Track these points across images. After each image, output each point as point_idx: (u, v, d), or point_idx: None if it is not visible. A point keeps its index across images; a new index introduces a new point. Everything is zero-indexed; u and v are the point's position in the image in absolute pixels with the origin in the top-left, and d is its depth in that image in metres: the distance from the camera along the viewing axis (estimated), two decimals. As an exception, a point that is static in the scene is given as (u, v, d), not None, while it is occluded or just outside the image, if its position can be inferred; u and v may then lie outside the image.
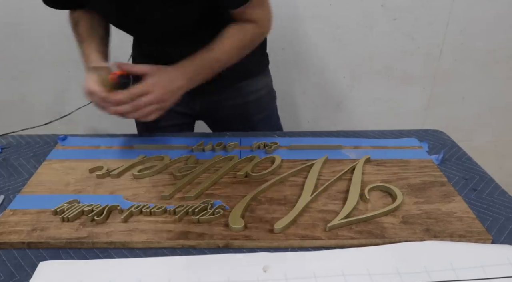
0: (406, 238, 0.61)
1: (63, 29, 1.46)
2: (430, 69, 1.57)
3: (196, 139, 0.86)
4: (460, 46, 1.53)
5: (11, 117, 1.63)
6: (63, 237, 0.60)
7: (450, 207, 0.67)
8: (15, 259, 0.57)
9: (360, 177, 0.74)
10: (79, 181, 0.73)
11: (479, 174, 0.79)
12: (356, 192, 0.69)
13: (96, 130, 1.65)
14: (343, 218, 0.63)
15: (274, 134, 0.91)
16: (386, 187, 0.71)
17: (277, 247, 0.60)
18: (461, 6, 1.44)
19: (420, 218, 0.65)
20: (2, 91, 1.58)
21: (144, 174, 0.74)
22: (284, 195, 0.70)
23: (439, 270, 0.55)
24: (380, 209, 0.65)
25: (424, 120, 1.69)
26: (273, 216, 0.64)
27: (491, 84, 1.62)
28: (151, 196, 0.69)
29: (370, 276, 0.54)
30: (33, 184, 0.72)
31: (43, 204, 0.66)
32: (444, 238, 0.61)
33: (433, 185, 0.73)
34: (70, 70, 1.54)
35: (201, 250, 0.60)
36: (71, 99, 1.58)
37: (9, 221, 0.63)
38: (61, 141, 0.86)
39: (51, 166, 0.77)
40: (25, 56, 1.51)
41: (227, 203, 0.67)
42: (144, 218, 0.64)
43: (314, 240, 0.60)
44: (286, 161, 0.80)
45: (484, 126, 1.73)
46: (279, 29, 1.46)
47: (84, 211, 0.64)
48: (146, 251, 0.59)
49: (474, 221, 0.64)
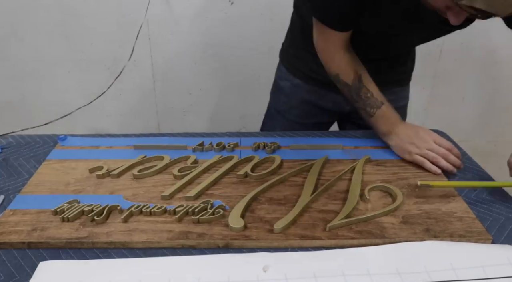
0: (406, 238, 0.61)
1: (63, 29, 1.46)
2: (430, 69, 1.57)
3: (196, 139, 0.86)
4: (460, 46, 1.52)
5: (11, 117, 1.63)
6: (63, 237, 0.60)
7: (450, 207, 0.67)
8: (15, 259, 0.57)
9: (360, 177, 0.74)
10: (79, 181, 0.73)
11: (479, 174, 0.79)
12: (356, 192, 0.69)
13: (96, 130, 1.65)
14: (343, 218, 0.63)
15: (274, 134, 0.91)
16: (386, 187, 0.71)
17: (277, 247, 0.60)
18: (461, 6, 1.44)
19: (420, 218, 0.65)
20: (2, 91, 1.58)
21: (144, 174, 0.74)
22: (284, 195, 0.70)
23: (439, 270, 0.55)
24: (380, 209, 0.65)
25: (424, 120, 1.69)
26: (273, 216, 0.64)
27: (491, 84, 1.62)
28: (151, 196, 0.69)
29: (370, 276, 0.54)
30: (33, 184, 0.72)
31: (43, 204, 0.66)
32: (444, 238, 0.61)
33: (433, 185, 0.73)
34: (70, 70, 1.54)
35: (201, 250, 0.60)
36: (71, 99, 1.58)
37: (9, 221, 0.63)
38: (61, 141, 0.86)
39: (51, 166, 0.77)
40: (25, 56, 1.51)
41: (227, 203, 0.67)
42: (144, 218, 0.64)
43: (314, 240, 0.60)
44: (286, 161, 0.80)
45: (484, 126, 1.73)
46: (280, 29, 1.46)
47: (84, 211, 0.64)
48: (146, 251, 0.59)
49: (474, 221, 0.64)
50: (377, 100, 0.82)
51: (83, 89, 1.57)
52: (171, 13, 1.44)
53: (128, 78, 1.56)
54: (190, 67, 1.55)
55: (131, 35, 1.44)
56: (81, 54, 1.51)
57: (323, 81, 0.87)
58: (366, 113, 0.84)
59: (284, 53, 1.05)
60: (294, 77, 1.01)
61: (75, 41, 1.48)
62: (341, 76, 0.83)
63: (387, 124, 0.82)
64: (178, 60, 1.52)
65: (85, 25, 1.45)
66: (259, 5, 1.43)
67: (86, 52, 1.50)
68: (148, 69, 1.55)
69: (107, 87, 1.56)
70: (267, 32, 1.47)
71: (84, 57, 1.51)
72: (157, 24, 1.44)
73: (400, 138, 0.81)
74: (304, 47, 0.88)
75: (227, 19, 1.45)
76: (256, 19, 1.45)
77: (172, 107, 1.64)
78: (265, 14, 1.45)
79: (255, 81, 1.58)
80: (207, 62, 1.54)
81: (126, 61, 1.51)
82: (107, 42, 1.49)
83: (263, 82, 1.57)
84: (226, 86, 1.60)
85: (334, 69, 0.84)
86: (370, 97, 0.82)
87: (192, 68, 1.55)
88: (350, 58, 0.83)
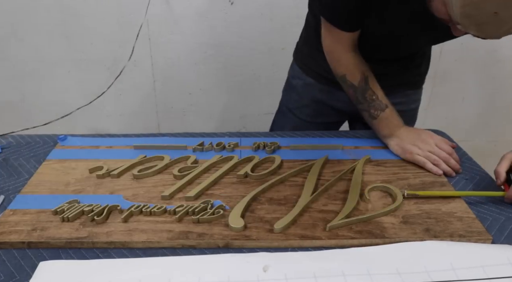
0: (406, 238, 0.61)
1: (63, 29, 1.46)
2: (430, 69, 1.57)
3: (196, 139, 0.86)
4: (460, 46, 1.52)
5: (11, 117, 1.63)
6: (63, 237, 0.60)
7: (450, 207, 0.67)
8: (15, 259, 0.57)
9: (360, 177, 0.74)
10: (79, 181, 0.73)
11: (479, 174, 0.79)
12: (356, 192, 0.69)
13: (96, 130, 1.65)
14: (343, 218, 0.63)
15: (274, 134, 0.91)
16: (386, 187, 0.71)
17: (277, 247, 0.60)
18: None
19: (420, 218, 0.65)
20: (2, 91, 1.58)
21: (144, 174, 0.74)
22: (284, 195, 0.70)
23: (439, 270, 0.55)
24: (380, 209, 0.65)
25: (424, 120, 1.69)
26: (273, 216, 0.64)
27: (491, 84, 1.62)
28: (151, 196, 0.69)
29: (370, 276, 0.54)
30: (33, 184, 0.72)
31: (43, 204, 0.66)
32: (444, 238, 0.61)
33: (433, 185, 0.73)
34: (70, 70, 1.54)
35: (201, 250, 0.60)
36: (71, 99, 1.58)
37: (9, 221, 0.63)
38: (61, 141, 0.86)
39: (51, 166, 0.77)
40: (25, 56, 1.51)
41: (227, 203, 0.67)
42: (144, 218, 0.64)
43: (314, 240, 0.60)
44: (286, 161, 0.80)
45: (484, 126, 1.73)
46: (280, 29, 1.46)
47: (84, 211, 0.64)
48: (146, 251, 0.59)
49: (474, 221, 0.64)
50: (381, 103, 0.82)
51: (83, 89, 1.57)
52: (171, 13, 1.44)
53: (128, 78, 1.56)
54: (190, 67, 1.55)
55: (131, 35, 1.44)
56: (81, 54, 1.51)
57: (335, 81, 0.87)
58: (369, 115, 0.84)
59: (298, 52, 1.05)
60: (306, 76, 1.01)
61: (75, 41, 1.48)
62: (348, 77, 0.83)
63: (390, 127, 0.83)
64: (178, 60, 1.52)
65: (85, 25, 1.45)
66: (259, 5, 1.43)
67: (86, 52, 1.50)
68: (148, 69, 1.55)
69: (107, 87, 1.56)
70: (267, 32, 1.47)
71: (84, 57, 1.51)
72: (157, 24, 1.44)
73: (401, 139, 0.81)
74: (317, 47, 0.89)
75: (227, 19, 1.45)
76: (256, 19, 1.45)
77: (172, 107, 1.64)
78: (265, 14, 1.45)
79: (255, 81, 1.58)
80: (207, 62, 1.54)
81: (126, 61, 1.51)
82: (107, 42, 1.49)
83: (263, 82, 1.57)
84: (226, 86, 1.60)
85: (341, 70, 0.84)
86: (375, 99, 0.82)
87: (192, 68, 1.55)
88: (357, 59, 0.83)
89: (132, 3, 1.41)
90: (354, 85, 0.83)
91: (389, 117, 0.83)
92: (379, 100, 0.82)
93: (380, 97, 0.82)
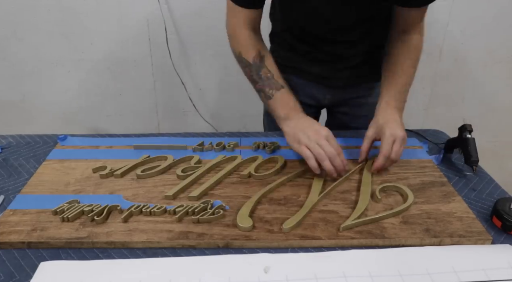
0: (406, 238, 0.61)
1: (63, 29, 1.46)
2: (430, 69, 1.57)
3: (196, 139, 0.86)
4: (460, 46, 1.52)
5: (11, 117, 1.63)
6: (63, 237, 0.60)
7: (450, 207, 0.67)
8: (15, 259, 0.57)
9: (370, 177, 0.74)
10: (79, 181, 0.73)
11: (479, 174, 0.79)
12: (367, 192, 0.69)
13: (96, 130, 1.65)
14: (356, 218, 0.63)
15: (274, 134, 0.91)
16: (397, 187, 0.71)
17: (277, 247, 0.60)
18: (460, 6, 1.44)
19: (420, 218, 0.65)
20: (2, 91, 1.58)
21: (148, 174, 0.74)
22: (284, 195, 0.70)
23: (441, 273, 0.55)
24: (389, 209, 0.66)
25: (424, 120, 1.69)
26: (273, 216, 0.64)
27: (491, 84, 1.62)
28: (151, 196, 0.69)
29: (372, 278, 0.54)
30: (33, 184, 0.72)
31: (43, 204, 0.66)
32: (444, 238, 0.61)
33: (433, 185, 0.73)
34: (70, 70, 1.54)
35: (201, 250, 0.60)
36: (71, 99, 1.59)
37: (9, 221, 0.63)
38: (61, 140, 0.86)
39: (51, 166, 0.77)
40: (25, 56, 1.51)
41: (227, 203, 0.67)
42: (144, 218, 0.64)
43: (313, 240, 0.60)
44: (289, 161, 0.80)
45: (484, 126, 1.72)
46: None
47: (84, 211, 0.64)
48: (146, 251, 0.59)
49: (474, 221, 0.64)
50: (277, 82, 0.81)
51: (83, 89, 1.57)
52: (171, 13, 1.44)
53: (128, 78, 1.56)
54: (190, 67, 1.55)
55: (131, 35, 1.44)
56: (81, 54, 1.51)
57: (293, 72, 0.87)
58: (265, 96, 0.82)
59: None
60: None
61: (75, 41, 1.48)
62: (243, 54, 0.83)
63: (286, 109, 0.80)
64: (178, 60, 1.52)
65: (85, 25, 1.45)
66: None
67: (86, 52, 1.50)
68: (148, 69, 1.55)
69: (107, 87, 1.56)
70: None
71: (84, 57, 1.51)
72: (157, 24, 1.44)
73: (296, 124, 0.77)
74: (278, 42, 0.90)
75: (227, 19, 1.45)
76: (256, 19, 1.45)
77: (172, 107, 1.64)
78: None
79: (255, 81, 1.57)
80: (207, 62, 1.54)
81: (126, 61, 1.51)
82: (107, 42, 1.48)
83: (263, 82, 1.57)
84: (226, 86, 1.60)
85: (237, 47, 0.84)
86: (270, 77, 0.81)
87: (192, 68, 1.55)
88: (254, 37, 0.83)
89: (132, 3, 1.41)
90: (249, 62, 0.82)
91: (285, 98, 0.81)
92: (275, 79, 0.81)
93: (275, 77, 0.81)
